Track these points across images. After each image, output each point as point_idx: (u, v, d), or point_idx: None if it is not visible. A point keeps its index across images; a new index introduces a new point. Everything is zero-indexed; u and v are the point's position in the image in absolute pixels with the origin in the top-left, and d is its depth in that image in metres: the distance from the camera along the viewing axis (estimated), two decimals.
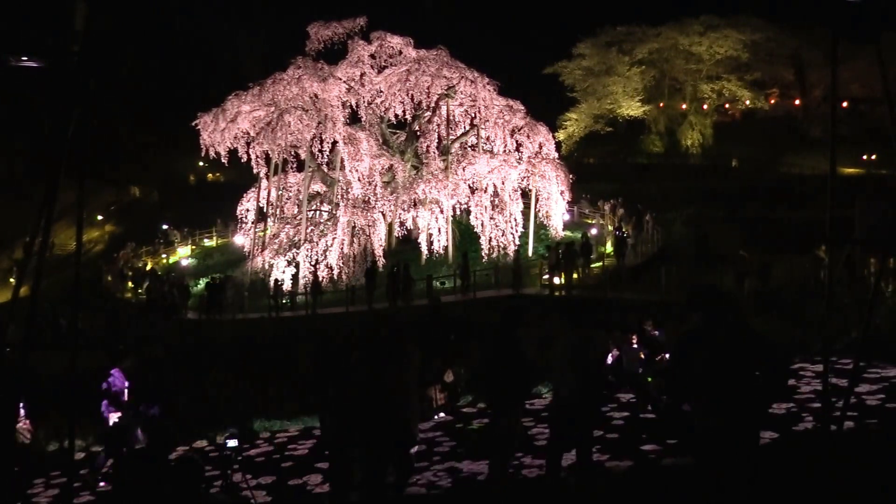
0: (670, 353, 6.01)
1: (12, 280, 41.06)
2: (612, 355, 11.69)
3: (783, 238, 22.65)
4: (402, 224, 28.65)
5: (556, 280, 22.15)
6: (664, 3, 49.03)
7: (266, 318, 24.19)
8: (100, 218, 49.91)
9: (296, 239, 28.08)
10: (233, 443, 6.39)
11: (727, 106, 50.60)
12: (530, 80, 44.57)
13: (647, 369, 10.80)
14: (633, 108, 46.70)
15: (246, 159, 29.25)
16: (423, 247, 26.97)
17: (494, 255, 26.38)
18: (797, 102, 51.13)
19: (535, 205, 28.04)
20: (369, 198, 27.77)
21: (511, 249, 26.35)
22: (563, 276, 21.93)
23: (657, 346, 11.12)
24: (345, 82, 28.41)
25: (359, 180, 27.48)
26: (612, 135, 48.36)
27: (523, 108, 29.40)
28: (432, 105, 29.40)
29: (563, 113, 47.76)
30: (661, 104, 49.97)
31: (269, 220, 30.44)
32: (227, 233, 37.29)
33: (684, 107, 49.98)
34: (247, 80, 30.28)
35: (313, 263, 26.88)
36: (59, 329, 21.60)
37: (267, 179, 30.10)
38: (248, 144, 28.89)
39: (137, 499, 5.01)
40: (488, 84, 28.71)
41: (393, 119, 29.98)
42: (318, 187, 30.66)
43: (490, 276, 24.44)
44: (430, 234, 27.16)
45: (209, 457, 9.19)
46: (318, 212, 29.97)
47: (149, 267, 33.83)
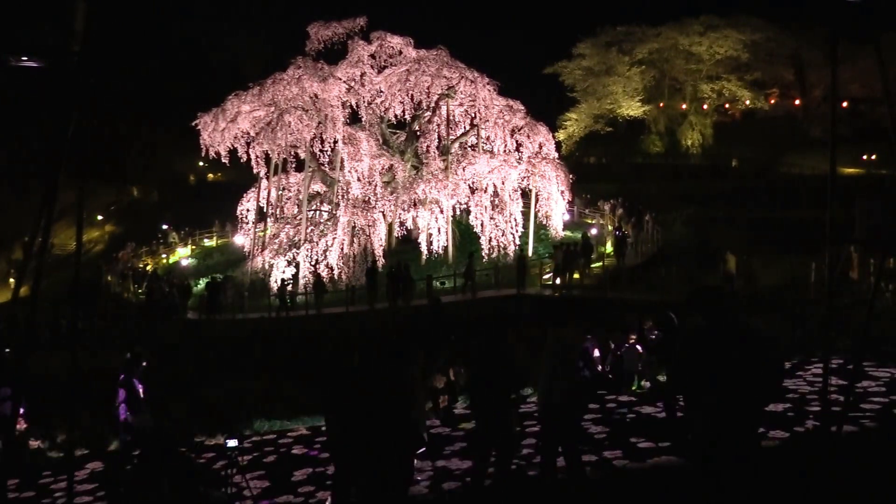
0: (674, 354, 6.06)
1: (12, 281, 41.09)
2: (612, 355, 11.70)
3: (783, 238, 22.66)
4: (402, 224, 28.64)
5: (561, 280, 22.18)
6: (664, 3, 49.17)
7: (266, 318, 24.17)
8: (100, 218, 49.91)
9: (296, 239, 28.07)
10: (233, 443, 6.39)
11: (727, 106, 50.61)
12: (530, 80, 44.66)
13: (646, 369, 10.82)
14: (633, 108, 46.73)
15: (246, 159, 29.24)
16: (423, 247, 26.97)
17: (494, 255, 26.38)
18: (797, 102, 51.13)
19: (535, 205, 28.03)
20: (369, 198, 27.76)
21: (511, 249, 26.36)
22: (568, 276, 21.98)
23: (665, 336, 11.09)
24: (345, 82, 28.40)
25: (359, 180, 27.48)
26: (612, 135, 48.38)
27: (523, 108, 29.38)
28: (432, 105, 29.39)
29: (563, 113, 47.81)
30: (661, 104, 49.99)
31: (269, 220, 30.43)
32: (227, 233, 37.30)
33: (684, 107, 50.00)
34: (247, 80, 30.28)
35: (313, 263, 26.87)
36: (59, 329, 21.58)
37: (267, 179, 30.09)
38: (248, 144, 28.87)
39: (137, 498, 5.02)
40: (488, 84, 28.70)
41: (393, 119, 29.97)
42: (318, 187, 30.65)
43: (490, 276, 24.44)
44: (430, 234, 27.16)
45: (209, 457, 9.19)
46: (318, 212, 29.96)
47: (149, 267, 33.83)
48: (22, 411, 9.61)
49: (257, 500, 7.13)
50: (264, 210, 30.56)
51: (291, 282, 26.54)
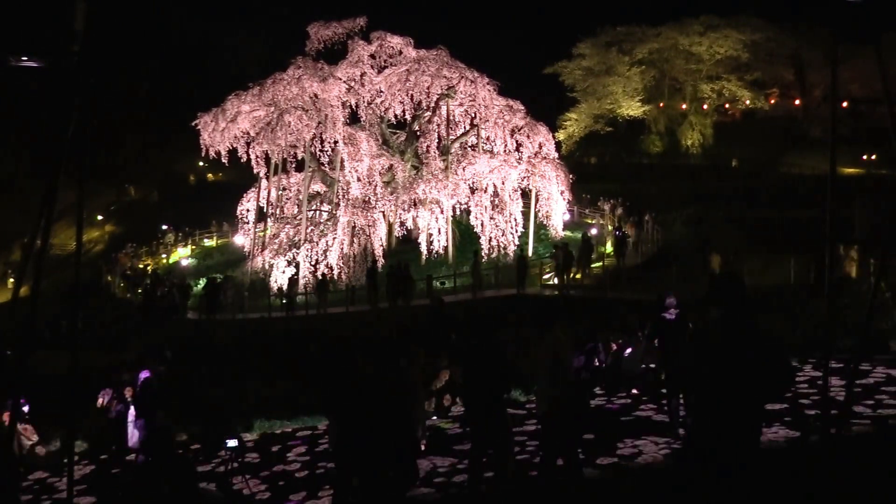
0: (687, 349, 6.03)
1: (11, 281, 41.10)
2: (613, 354, 11.69)
3: (783, 238, 22.65)
4: (402, 224, 28.64)
5: (562, 279, 22.19)
6: (664, 3, 49.16)
7: (267, 318, 24.16)
8: (100, 218, 49.93)
9: (296, 239, 28.07)
10: (233, 443, 6.40)
11: (727, 106, 50.62)
12: (530, 80, 44.62)
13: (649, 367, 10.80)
14: (633, 108, 46.72)
15: (246, 159, 29.23)
16: (423, 247, 26.97)
17: (494, 255, 26.38)
18: (797, 102, 51.14)
19: (535, 205, 28.04)
20: (369, 198, 27.76)
21: (511, 249, 26.36)
22: (569, 275, 21.99)
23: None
24: (345, 82, 28.40)
25: (359, 180, 27.48)
26: (612, 135, 48.37)
27: (523, 108, 29.39)
28: (432, 105, 29.39)
29: (563, 113, 47.79)
30: (661, 104, 49.99)
31: (268, 220, 30.43)
32: (227, 233, 37.29)
33: (684, 107, 50.01)
34: (247, 80, 30.29)
35: (313, 263, 26.88)
36: (59, 329, 21.58)
37: (267, 179, 30.09)
38: (248, 144, 28.86)
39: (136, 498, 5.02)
40: (488, 84, 28.70)
41: (393, 119, 29.97)
42: (318, 187, 30.65)
43: (491, 276, 24.44)
44: (430, 234, 27.16)
45: (209, 456, 9.19)
46: (318, 212, 29.96)
47: (149, 267, 33.83)
48: (26, 409, 9.63)
49: (256, 500, 7.12)
50: (264, 210, 30.55)
51: (296, 281, 26.52)
